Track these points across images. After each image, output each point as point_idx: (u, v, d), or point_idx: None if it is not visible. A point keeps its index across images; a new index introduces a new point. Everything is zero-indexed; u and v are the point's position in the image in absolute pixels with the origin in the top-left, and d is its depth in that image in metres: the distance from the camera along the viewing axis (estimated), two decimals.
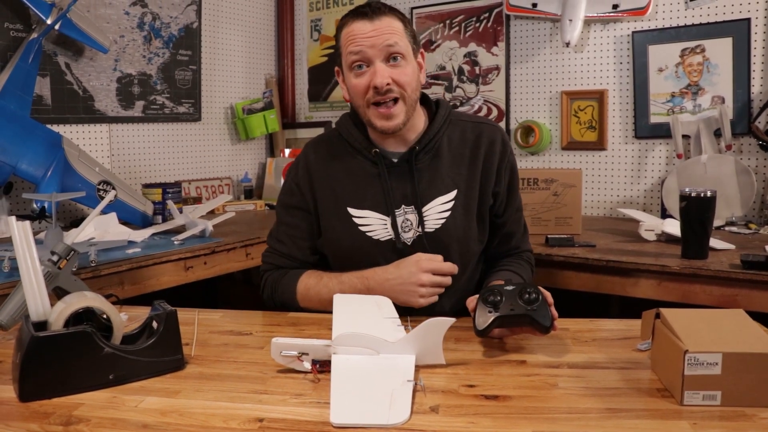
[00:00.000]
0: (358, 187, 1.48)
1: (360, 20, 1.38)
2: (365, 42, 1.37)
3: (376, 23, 1.37)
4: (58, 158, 2.23)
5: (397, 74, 1.38)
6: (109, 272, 1.79)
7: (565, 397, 0.96)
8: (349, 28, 1.40)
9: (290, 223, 1.55)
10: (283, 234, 1.56)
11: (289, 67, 3.68)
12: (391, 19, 1.40)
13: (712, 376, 0.90)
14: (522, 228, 1.60)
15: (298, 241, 1.54)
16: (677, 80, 2.63)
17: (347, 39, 1.40)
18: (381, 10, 1.40)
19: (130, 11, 2.74)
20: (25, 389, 0.95)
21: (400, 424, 0.86)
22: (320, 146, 1.56)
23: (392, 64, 1.38)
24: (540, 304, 1.14)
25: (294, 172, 1.56)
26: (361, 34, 1.37)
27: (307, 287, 1.47)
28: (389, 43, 1.37)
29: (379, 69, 1.36)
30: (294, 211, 1.54)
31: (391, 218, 1.45)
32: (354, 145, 1.49)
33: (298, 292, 1.48)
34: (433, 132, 1.46)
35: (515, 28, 3.00)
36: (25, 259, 1.03)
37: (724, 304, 1.73)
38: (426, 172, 1.47)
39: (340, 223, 1.48)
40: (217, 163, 3.32)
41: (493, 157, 1.49)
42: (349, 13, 1.43)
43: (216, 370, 1.09)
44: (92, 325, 1.01)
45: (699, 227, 1.84)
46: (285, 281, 1.50)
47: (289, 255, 1.54)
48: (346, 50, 1.40)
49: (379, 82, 1.36)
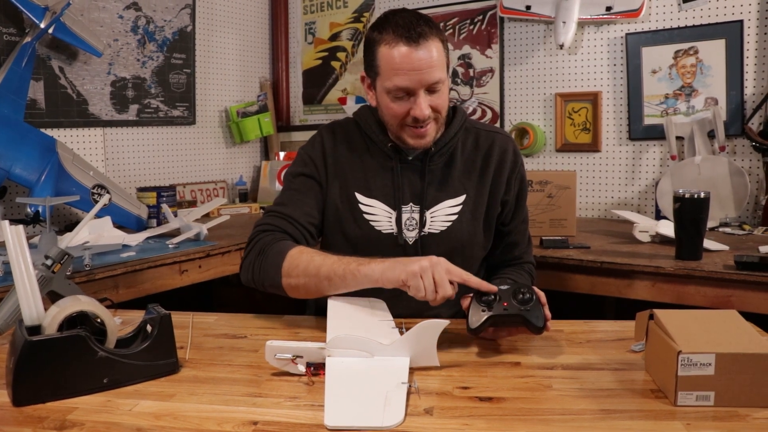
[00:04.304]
0: (369, 175, 1.48)
1: (405, 46, 1.33)
2: (412, 75, 1.33)
3: (421, 53, 1.32)
4: (52, 162, 2.22)
5: (436, 102, 1.38)
6: (103, 276, 1.79)
7: (560, 399, 0.96)
8: (392, 51, 1.34)
9: (299, 188, 1.48)
10: (287, 197, 1.48)
11: (283, 71, 3.68)
12: (434, 42, 1.34)
13: (706, 376, 0.91)
14: (526, 240, 1.61)
15: (302, 205, 1.46)
16: (671, 82, 2.64)
17: (389, 65, 1.35)
18: (425, 34, 1.33)
19: (123, 15, 2.74)
20: (19, 393, 0.95)
21: (395, 426, 0.87)
22: (336, 131, 1.54)
23: (433, 94, 1.37)
24: (533, 304, 1.14)
25: (309, 146, 1.53)
26: (405, 65, 1.33)
27: (300, 251, 1.34)
28: (435, 79, 1.35)
29: (421, 102, 1.35)
30: (304, 178, 1.49)
31: (397, 213, 1.46)
32: (371, 137, 1.49)
33: (289, 254, 1.32)
34: (449, 136, 1.47)
35: (509, 30, 3.01)
36: (18, 263, 1.03)
37: (718, 304, 1.74)
38: (438, 174, 1.48)
39: (345, 206, 1.47)
40: (212, 166, 3.31)
41: (505, 166, 1.50)
42: (389, 28, 1.35)
43: (210, 373, 1.09)
44: (86, 329, 1.00)
45: (693, 228, 1.85)
46: (278, 245, 1.37)
47: (290, 216, 1.44)
48: (388, 76, 1.36)
49: (420, 114, 1.36)
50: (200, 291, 3.01)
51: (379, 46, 1.37)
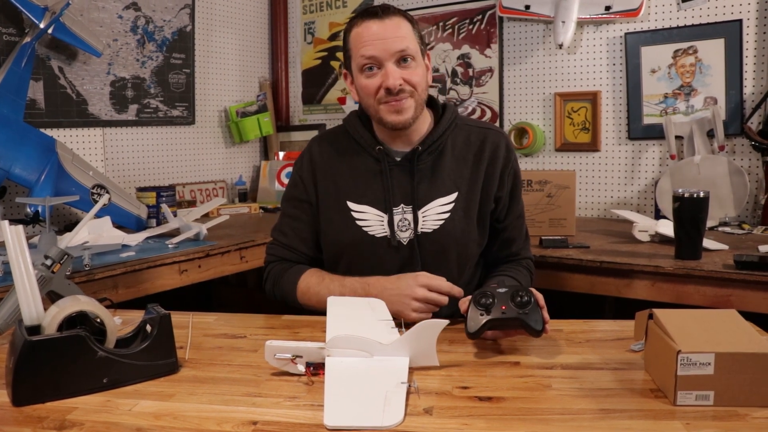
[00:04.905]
0: (359, 182, 1.49)
1: (369, 21, 1.39)
2: (377, 44, 1.37)
3: (386, 23, 1.38)
4: (52, 162, 2.22)
5: (408, 75, 1.39)
6: (103, 276, 1.79)
7: (559, 398, 0.96)
8: (359, 29, 1.40)
9: (293, 215, 1.56)
10: (286, 226, 1.57)
11: (282, 70, 3.68)
12: (400, 19, 1.41)
13: (705, 376, 0.91)
14: (523, 235, 1.60)
15: (300, 233, 1.55)
16: (670, 81, 2.64)
17: (357, 41, 1.40)
18: (390, 10, 1.41)
19: (123, 15, 2.74)
20: (19, 393, 0.95)
21: (394, 426, 0.87)
22: (325, 141, 1.57)
23: (403, 66, 1.39)
24: (532, 307, 1.14)
25: (299, 165, 1.58)
26: (371, 36, 1.38)
27: (308, 285, 1.47)
28: (401, 47, 1.37)
29: (390, 71, 1.37)
30: (297, 203, 1.56)
31: (389, 216, 1.46)
32: (359, 142, 1.50)
33: (299, 290, 1.48)
34: (438, 134, 1.48)
35: (508, 30, 3.01)
36: (18, 263, 1.03)
37: (717, 304, 1.74)
38: (427, 173, 1.48)
39: (338, 215, 1.49)
40: (212, 166, 3.31)
41: (497, 161, 1.50)
42: (357, 15, 1.44)
43: (210, 373, 1.09)
44: (86, 329, 1.01)
45: (692, 228, 1.85)
46: (287, 276, 1.51)
47: (291, 246, 1.55)
48: (357, 53, 1.40)
49: (391, 83, 1.37)
50: (200, 291, 3.02)
51: (349, 34, 1.44)
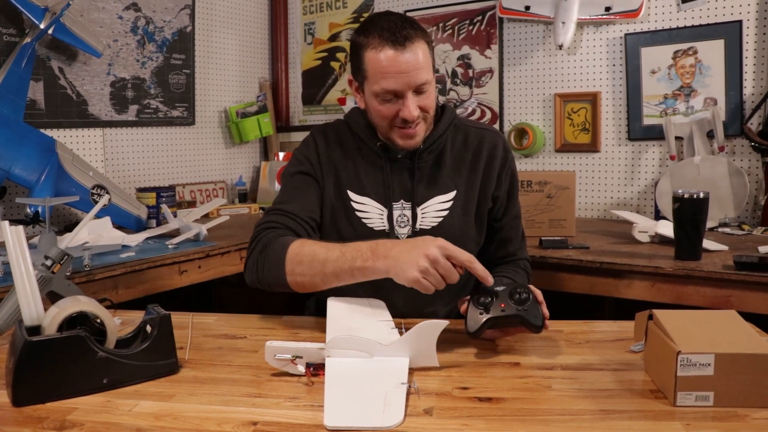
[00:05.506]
0: (360, 174, 1.50)
1: (391, 50, 1.34)
2: (400, 79, 1.35)
3: (407, 56, 1.34)
4: (52, 163, 2.22)
5: (424, 102, 1.40)
6: (103, 276, 1.79)
7: (559, 399, 0.96)
8: (378, 55, 1.35)
9: (298, 185, 1.50)
10: (288, 195, 1.49)
11: (282, 71, 3.68)
12: (419, 45, 1.36)
13: (705, 376, 0.91)
14: (520, 235, 1.61)
15: (303, 201, 1.47)
16: (670, 82, 2.64)
17: (376, 68, 1.36)
18: (410, 37, 1.35)
19: (123, 15, 2.74)
20: (19, 394, 0.95)
21: (394, 426, 0.87)
22: (327, 132, 1.56)
23: (420, 95, 1.39)
24: (531, 303, 1.14)
25: (303, 148, 1.55)
26: (393, 68, 1.34)
27: (302, 243, 1.33)
28: (422, 80, 1.36)
29: (410, 104, 1.37)
30: (303, 176, 1.51)
31: (389, 210, 1.47)
32: (361, 137, 1.51)
33: (290, 250, 1.31)
34: (438, 134, 1.48)
35: (508, 30, 3.01)
36: (18, 263, 1.03)
37: (717, 305, 1.74)
38: (427, 172, 1.49)
39: (339, 204, 1.49)
40: (212, 166, 3.31)
41: (495, 161, 1.51)
42: (375, 32, 1.37)
43: (210, 373, 1.09)
44: (86, 329, 1.01)
45: (692, 229, 1.85)
46: (281, 240, 1.35)
47: (292, 212, 1.44)
48: (375, 80, 1.37)
49: (409, 116, 1.37)
50: (200, 291, 3.01)
51: (365, 51, 1.38)
